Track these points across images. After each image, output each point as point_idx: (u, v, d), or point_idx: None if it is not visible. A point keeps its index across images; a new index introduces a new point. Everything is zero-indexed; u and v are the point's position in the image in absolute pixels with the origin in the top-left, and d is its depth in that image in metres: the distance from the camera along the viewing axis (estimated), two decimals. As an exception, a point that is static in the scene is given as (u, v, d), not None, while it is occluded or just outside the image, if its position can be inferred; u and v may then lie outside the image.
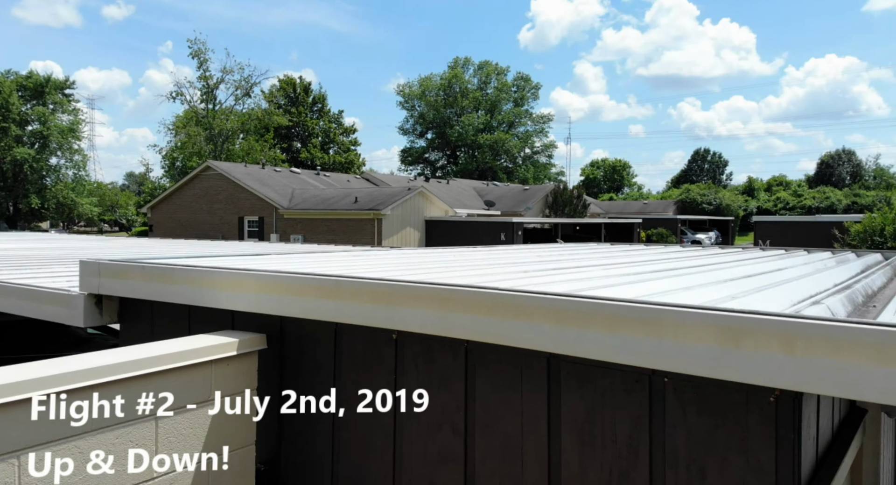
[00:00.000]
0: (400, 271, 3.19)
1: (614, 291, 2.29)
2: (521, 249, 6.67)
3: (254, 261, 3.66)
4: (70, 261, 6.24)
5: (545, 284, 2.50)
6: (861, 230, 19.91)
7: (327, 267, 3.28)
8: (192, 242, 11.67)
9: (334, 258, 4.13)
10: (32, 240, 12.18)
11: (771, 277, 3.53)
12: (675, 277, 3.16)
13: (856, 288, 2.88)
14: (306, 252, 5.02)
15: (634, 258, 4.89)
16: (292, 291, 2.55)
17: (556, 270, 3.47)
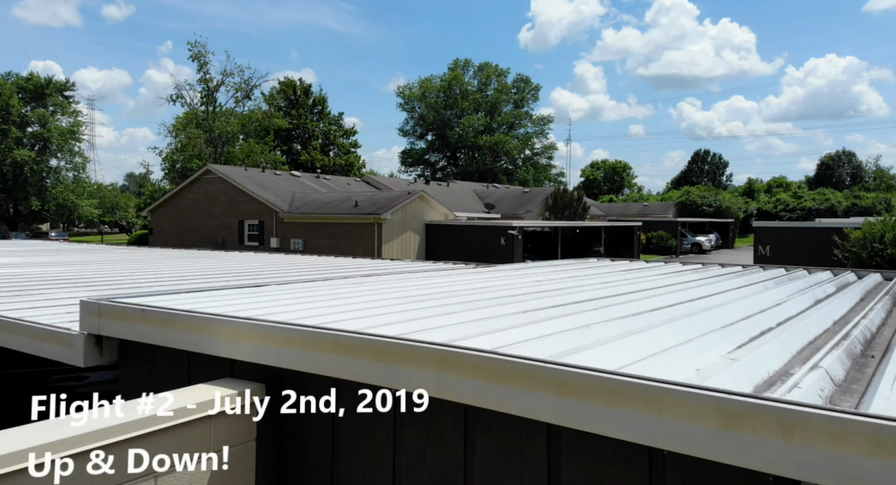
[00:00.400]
0: (399, 311, 3.19)
1: (617, 352, 2.30)
2: (521, 270, 6.66)
3: (254, 297, 3.66)
4: (70, 283, 6.25)
5: (545, 337, 2.51)
6: (861, 236, 19.90)
7: (324, 309, 3.28)
8: (193, 255, 11.66)
9: (333, 291, 4.13)
10: (33, 251, 12.17)
11: (772, 317, 3.53)
12: (678, 323, 3.17)
13: (854, 335, 2.88)
14: (306, 281, 5.01)
15: (635, 286, 4.89)
16: (290, 343, 2.55)
17: (555, 310, 3.48)
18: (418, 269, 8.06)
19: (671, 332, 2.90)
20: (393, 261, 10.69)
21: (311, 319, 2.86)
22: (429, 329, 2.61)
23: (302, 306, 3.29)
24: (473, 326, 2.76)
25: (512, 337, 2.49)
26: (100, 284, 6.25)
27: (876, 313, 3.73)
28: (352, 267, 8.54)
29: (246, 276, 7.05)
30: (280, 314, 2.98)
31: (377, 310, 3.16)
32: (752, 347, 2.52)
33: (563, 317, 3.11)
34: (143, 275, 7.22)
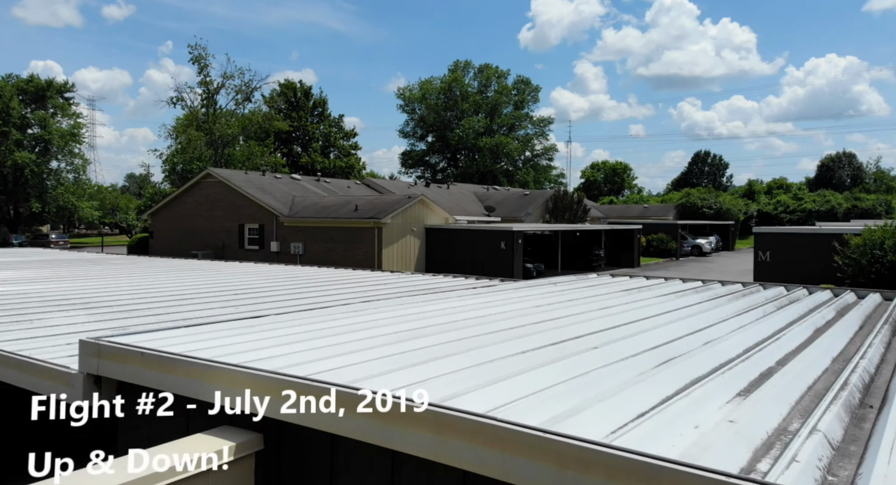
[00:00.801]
0: (397, 353, 3.19)
1: (617, 408, 2.30)
2: (520, 291, 6.65)
3: (252, 333, 3.66)
4: (69, 305, 6.24)
5: (544, 392, 2.51)
6: (861, 243, 19.91)
7: (322, 349, 3.27)
8: (194, 266, 11.64)
9: (332, 324, 4.12)
10: (32, 262, 12.16)
11: (771, 354, 3.53)
12: (677, 366, 3.17)
13: (853, 382, 2.88)
14: (304, 308, 5.00)
15: (633, 315, 4.88)
16: (285, 396, 2.55)
17: (554, 351, 3.48)
18: (417, 287, 8.05)
19: (670, 378, 2.89)
20: (393, 273, 10.68)
21: (307, 364, 2.86)
22: (427, 379, 2.61)
23: (299, 347, 3.28)
24: (472, 374, 2.76)
25: (511, 391, 2.49)
26: (100, 305, 6.25)
27: (874, 350, 3.73)
28: (350, 284, 8.53)
29: (245, 296, 7.04)
30: (276, 358, 2.97)
31: (374, 352, 3.16)
32: (751, 403, 2.52)
33: (561, 360, 3.11)
34: (143, 293, 7.21)
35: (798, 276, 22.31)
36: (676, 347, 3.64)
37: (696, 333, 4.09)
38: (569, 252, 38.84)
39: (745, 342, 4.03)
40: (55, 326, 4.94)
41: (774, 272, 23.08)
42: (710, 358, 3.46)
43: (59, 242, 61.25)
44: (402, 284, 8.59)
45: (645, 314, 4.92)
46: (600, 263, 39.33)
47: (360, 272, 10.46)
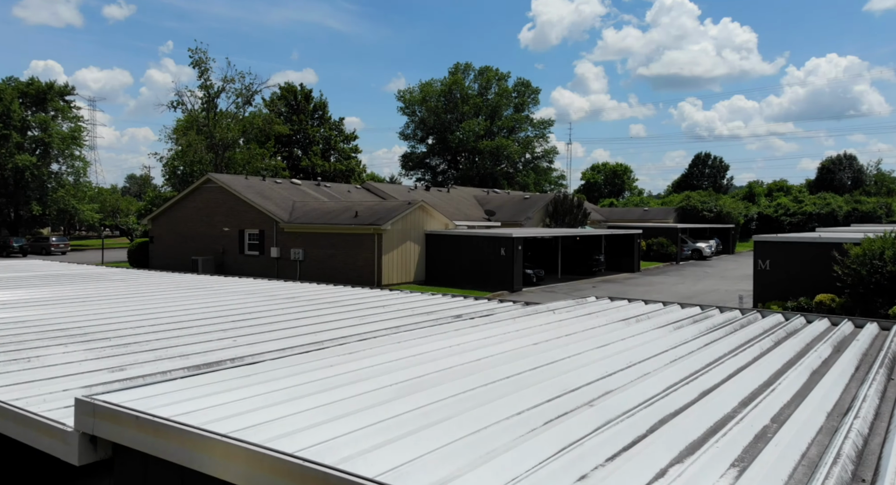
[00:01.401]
0: (394, 415, 3.20)
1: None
2: (518, 322, 6.65)
3: (248, 388, 3.66)
4: (67, 335, 6.25)
5: (536, 473, 2.52)
6: (860, 253, 19.90)
7: (319, 411, 3.28)
8: (192, 284, 11.64)
9: (327, 373, 4.13)
10: (27, 279, 12.16)
11: (766, 411, 3.54)
12: (672, 437, 3.17)
13: (846, 452, 2.88)
14: (300, 349, 5.00)
15: (629, 357, 4.89)
16: (282, 475, 2.56)
17: (549, 409, 3.49)
18: (412, 312, 8.05)
19: (664, 447, 2.90)
20: (391, 291, 10.68)
21: (299, 434, 2.86)
22: (420, 456, 2.62)
23: (293, 407, 3.29)
24: (468, 447, 2.77)
25: (505, 471, 2.50)
26: (97, 336, 6.26)
27: (869, 403, 3.73)
28: (347, 308, 8.53)
29: (243, 324, 7.05)
30: (269, 425, 2.98)
31: (368, 416, 3.16)
32: (745, 481, 2.53)
33: (557, 424, 3.11)
34: (141, 320, 7.23)
35: (798, 285, 22.32)
36: (672, 401, 3.64)
37: (693, 382, 4.09)
38: (569, 257, 38.86)
39: (740, 392, 4.04)
40: (53, 367, 4.94)
41: (774, 281, 23.08)
42: (705, 415, 3.47)
43: (59, 244, 61.32)
44: (398, 306, 8.59)
45: (642, 355, 4.92)
46: (600, 269, 39.36)
47: (357, 291, 10.46)
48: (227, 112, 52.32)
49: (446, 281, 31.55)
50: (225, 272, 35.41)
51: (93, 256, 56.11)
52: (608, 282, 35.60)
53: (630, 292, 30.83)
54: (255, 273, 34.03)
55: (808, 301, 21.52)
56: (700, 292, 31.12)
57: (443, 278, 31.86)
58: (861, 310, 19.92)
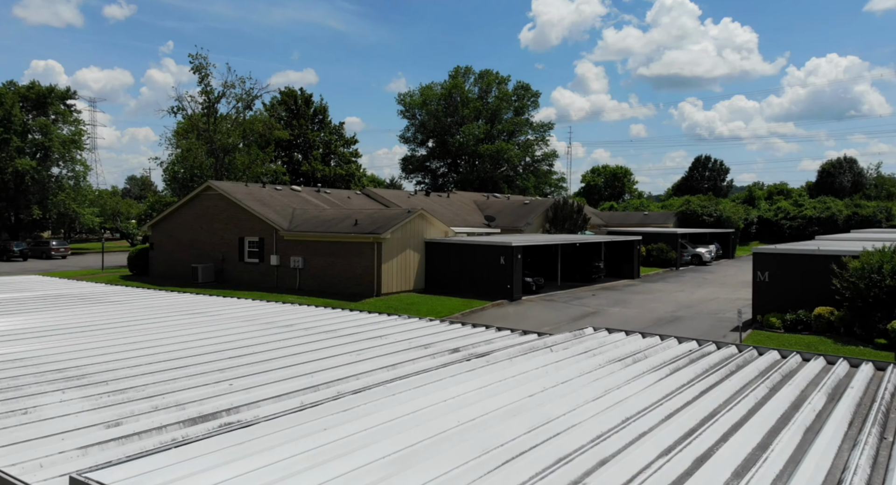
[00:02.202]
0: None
1: None
2: (516, 365, 6.66)
3: (238, 463, 3.68)
4: (63, 377, 6.26)
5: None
6: (859, 267, 19.91)
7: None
8: (191, 307, 11.65)
9: (321, 439, 4.14)
10: (20, 302, 12.18)
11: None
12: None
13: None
14: (294, 403, 5.02)
15: (624, 409, 4.90)
16: None
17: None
18: (409, 344, 8.05)
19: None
20: (388, 316, 10.68)
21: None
22: None
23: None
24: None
25: None
26: (94, 380, 6.28)
27: (860, 477, 3.75)
28: (342, 339, 8.54)
29: (239, 362, 7.07)
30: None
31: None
32: None
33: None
34: (138, 356, 7.25)
35: (797, 297, 22.33)
36: (666, 473, 3.66)
37: (688, 447, 4.11)
38: (568, 263, 38.88)
39: (734, 458, 4.05)
40: (50, 421, 4.95)
41: (773, 292, 23.08)
42: None
43: (59, 248, 61.35)
44: (395, 338, 8.59)
45: (637, 407, 4.95)
46: (600, 275, 39.37)
47: (354, 318, 10.46)
48: (227, 115, 52.28)
49: (446, 289, 31.57)
50: (225, 280, 35.45)
51: (93, 261, 56.10)
52: (608, 289, 35.60)
53: (629, 301, 30.84)
54: (255, 281, 34.07)
55: (807, 314, 21.55)
56: (699, 301, 31.12)
57: (442, 286, 31.87)
58: (859, 323, 19.95)
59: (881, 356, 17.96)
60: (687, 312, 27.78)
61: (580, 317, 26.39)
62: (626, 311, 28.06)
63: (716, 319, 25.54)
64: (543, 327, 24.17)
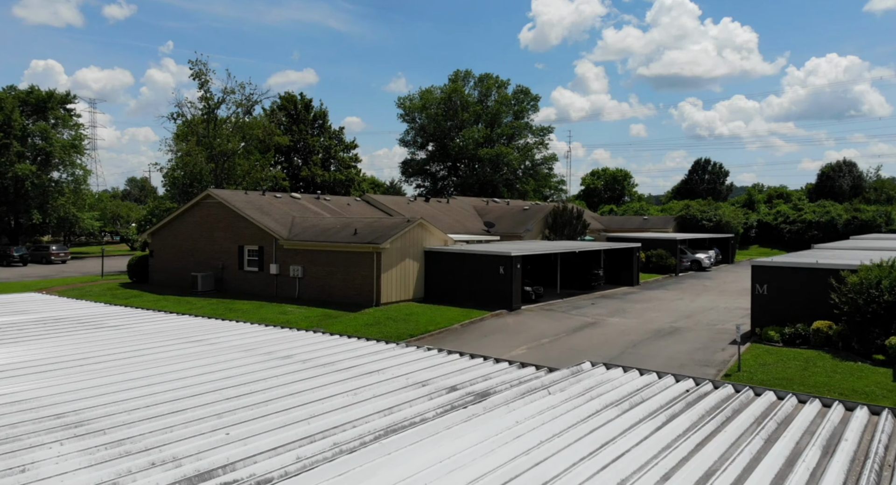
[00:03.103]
0: None
1: None
2: (513, 410, 6.68)
3: None
4: (62, 426, 6.28)
5: None
6: (857, 282, 19.93)
7: None
8: (190, 332, 11.68)
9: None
10: (27, 327, 12.21)
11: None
12: None
13: None
14: (290, 447, 5.03)
15: (621, 473, 4.92)
16: None
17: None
18: (410, 384, 8.06)
19: None
20: (387, 344, 10.70)
21: None
22: None
23: None
24: None
25: None
26: (92, 423, 6.31)
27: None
28: (342, 375, 8.56)
29: (235, 405, 7.09)
30: None
31: None
32: None
33: None
34: (136, 399, 7.27)
35: (796, 310, 22.36)
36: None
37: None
38: (568, 270, 38.93)
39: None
40: (47, 481, 4.98)
41: (771, 305, 23.11)
42: None
43: (59, 253, 61.42)
44: (393, 372, 8.61)
45: (631, 468, 4.97)
46: (599, 283, 39.41)
47: (353, 346, 10.48)
48: (227, 118, 52.25)
49: (445, 299, 31.60)
50: (224, 288, 35.48)
51: (93, 266, 56.15)
52: (607, 297, 35.63)
53: (628, 310, 30.86)
54: (255, 290, 34.11)
55: (806, 327, 21.57)
56: (698, 310, 31.15)
57: (442, 296, 31.90)
58: (858, 339, 19.97)
59: (879, 373, 18.00)
60: (686, 322, 27.81)
61: (579, 328, 26.43)
62: (625, 321, 28.09)
63: (714, 331, 25.57)
64: (542, 339, 24.22)
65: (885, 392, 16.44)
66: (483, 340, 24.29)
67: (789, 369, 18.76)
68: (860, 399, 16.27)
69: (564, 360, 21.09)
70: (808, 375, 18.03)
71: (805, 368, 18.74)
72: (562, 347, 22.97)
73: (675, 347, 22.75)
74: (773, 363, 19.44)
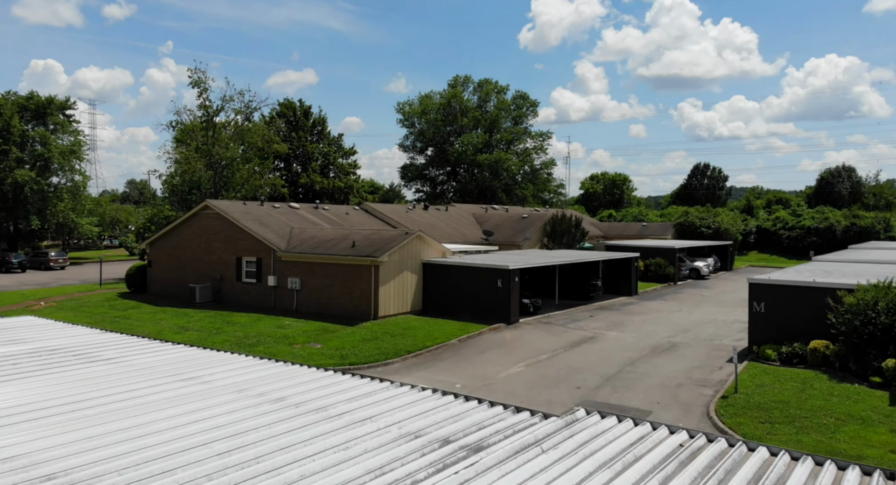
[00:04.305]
0: None
1: None
2: (504, 463, 6.66)
3: None
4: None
5: None
6: (854, 303, 19.91)
7: None
8: (192, 364, 11.66)
9: None
10: (22, 365, 12.19)
11: None
12: None
13: None
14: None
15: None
16: None
17: None
18: (403, 435, 8.04)
19: None
20: (381, 383, 10.68)
21: None
22: None
23: None
24: None
25: None
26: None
27: None
28: (333, 422, 8.54)
29: (227, 466, 7.07)
30: None
31: None
32: None
33: None
34: (125, 456, 7.25)
35: (793, 328, 22.35)
36: None
37: None
38: (566, 281, 38.91)
39: None
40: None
41: (769, 324, 23.11)
42: None
43: (58, 259, 61.38)
44: (386, 420, 8.59)
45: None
46: (598, 293, 39.41)
47: (348, 386, 10.46)
48: (226, 122, 52.17)
49: (443, 311, 31.61)
50: (222, 300, 35.46)
51: (92, 272, 56.13)
52: (605, 309, 35.63)
53: (627, 323, 30.83)
54: (253, 301, 34.09)
55: (803, 347, 21.56)
56: (696, 323, 31.15)
57: (439, 308, 31.90)
58: (854, 360, 19.96)
59: (875, 396, 17.99)
60: (684, 337, 27.81)
61: (577, 343, 26.41)
62: (623, 335, 28.08)
63: (712, 347, 25.56)
64: (540, 356, 24.20)
65: (882, 417, 16.43)
66: (481, 356, 24.28)
67: (786, 390, 18.75)
68: (856, 425, 16.27)
69: (562, 379, 21.08)
70: (805, 398, 18.01)
71: (802, 390, 18.73)
72: (559, 365, 22.95)
73: (672, 366, 22.73)
74: (770, 384, 19.42)
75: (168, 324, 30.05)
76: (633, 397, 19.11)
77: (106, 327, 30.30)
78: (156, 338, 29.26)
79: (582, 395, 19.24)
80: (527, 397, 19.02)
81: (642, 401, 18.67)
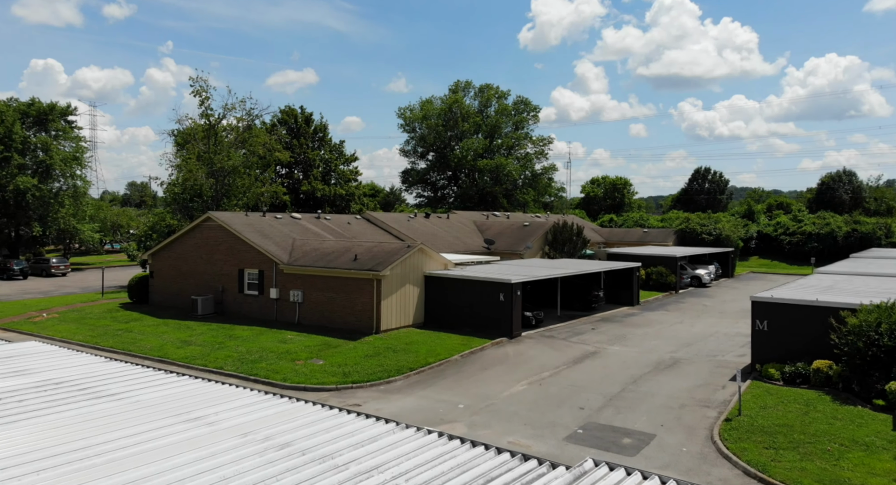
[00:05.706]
0: None
1: None
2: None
3: None
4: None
5: None
6: (857, 324, 19.90)
7: None
8: (194, 402, 11.66)
9: None
10: (26, 402, 12.19)
11: None
12: None
13: None
14: None
15: None
16: None
17: None
18: (392, 472, 8.04)
19: None
20: (387, 424, 10.68)
21: None
22: None
23: None
24: None
25: None
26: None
27: None
28: (332, 477, 8.55)
29: None
30: None
31: None
32: None
33: None
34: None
35: (796, 347, 22.36)
36: None
37: None
38: (568, 291, 38.93)
39: None
40: None
41: (772, 342, 23.11)
42: None
43: (59, 266, 61.39)
44: (392, 470, 8.59)
45: None
46: (599, 303, 39.42)
47: (354, 428, 10.45)
48: (228, 126, 52.12)
49: (445, 325, 31.63)
50: (224, 312, 35.47)
51: (93, 279, 56.12)
52: (607, 321, 35.64)
53: (629, 337, 30.84)
54: (254, 314, 34.11)
55: (806, 366, 21.56)
56: (699, 337, 31.15)
57: (441, 322, 31.92)
58: (857, 381, 19.95)
59: (879, 420, 17.98)
60: (686, 352, 27.81)
61: (580, 359, 26.41)
62: (625, 350, 28.08)
63: (715, 364, 25.56)
64: (543, 373, 24.20)
65: (886, 443, 16.43)
66: (483, 373, 24.29)
67: (790, 413, 18.74)
68: (860, 451, 16.25)
69: (565, 399, 21.07)
70: (809, 421, 18.01)
71: (805, 412, 18.72)
72: (562, 383, 22.95)
73: (675, 384, 22.73)
74: (773, 406, 19.42)
75: (170, 338, 30.06)
76: (637, 418, 19.10)
77: (108, 341, 30.37)
78: (158, 354, 29.22)
79: (585, 417, 19.24)
80: (530, 419, 19.02)
81: (646, 423, 18.67)
